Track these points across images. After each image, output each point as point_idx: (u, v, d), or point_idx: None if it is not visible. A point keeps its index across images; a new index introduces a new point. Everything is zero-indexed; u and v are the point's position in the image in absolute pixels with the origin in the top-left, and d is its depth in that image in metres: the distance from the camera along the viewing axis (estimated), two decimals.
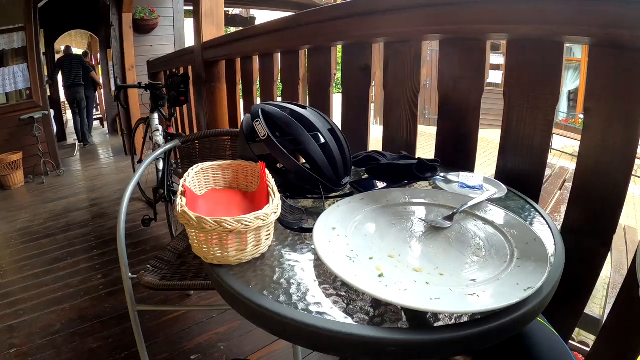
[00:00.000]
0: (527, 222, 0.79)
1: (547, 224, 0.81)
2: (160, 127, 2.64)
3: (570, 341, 1.69)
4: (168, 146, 1.72)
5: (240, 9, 11.05)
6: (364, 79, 1.42)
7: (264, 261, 0.66)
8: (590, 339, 1.78)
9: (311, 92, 1.65)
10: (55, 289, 2.32)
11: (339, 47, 1.54)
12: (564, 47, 0.98)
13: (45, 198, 4.21)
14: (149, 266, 1.53)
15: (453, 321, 0.53)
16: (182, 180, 0.79)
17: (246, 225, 0.60)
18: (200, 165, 0.88)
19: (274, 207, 0.64)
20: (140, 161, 3.33)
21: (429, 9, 1.13)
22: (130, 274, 1.46)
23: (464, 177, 1.06)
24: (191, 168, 0.86)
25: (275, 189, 0.72)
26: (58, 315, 2.06)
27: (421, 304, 0.51)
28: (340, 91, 1.50)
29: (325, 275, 0.61)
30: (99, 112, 10.55)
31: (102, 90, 8.79)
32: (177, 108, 3.01)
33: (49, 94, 5.93)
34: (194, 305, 2.15)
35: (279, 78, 1.90)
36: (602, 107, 0.92)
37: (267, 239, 0.66)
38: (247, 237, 0.62)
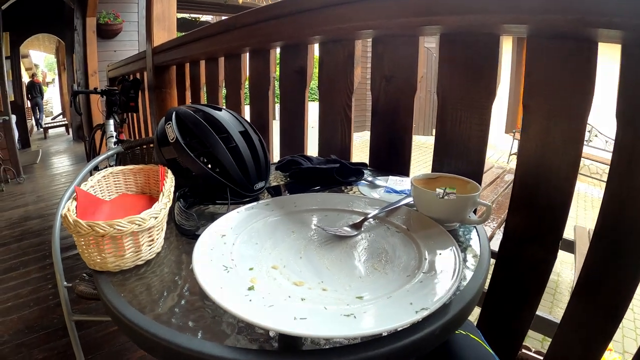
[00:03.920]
0: (454, 230, 0.72)
1: (477, 230, 0.74)
2: (114, 134, 2.59)
3: (525, 350, 1.67)
4: (109, 153, 1.68)
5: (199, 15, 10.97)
6: (299, 82, 1.37)
7: (148, 269, 0.62)
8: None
9: (251, 95, 1.62)
10: (4, 300, 2.26)
11: None
12: (499, 40, 0.90)
13: (3, 206, 4.08)
14: (84, 275, 1.49)
15: (324, 346, 0.46)
16: (82, 185, 0.76)
17: (119, 230, 0.57)
18: (110, 169, 0.85)
19: (155, 211, 0.61)
20: (96, 168, 3.25)
21: (358, 4, 1.05)
22: (65, 283, 1.42)
23: (392, 181, 1.00)
24: (98, 172, 0.84)
25: (168, 193, 0.69)
26: (6, 326, 2.01)
27: (280, 325, 0.43)
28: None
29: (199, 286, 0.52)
30: (65, 119, 10.34)
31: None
32: (133, 114, 2.95)
33: (12, 98, 5.78)
34: None
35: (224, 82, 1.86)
36: (542, 102, 0.85)
37: (151, 245, 0.63)
38: (123, 242, 0.59)
